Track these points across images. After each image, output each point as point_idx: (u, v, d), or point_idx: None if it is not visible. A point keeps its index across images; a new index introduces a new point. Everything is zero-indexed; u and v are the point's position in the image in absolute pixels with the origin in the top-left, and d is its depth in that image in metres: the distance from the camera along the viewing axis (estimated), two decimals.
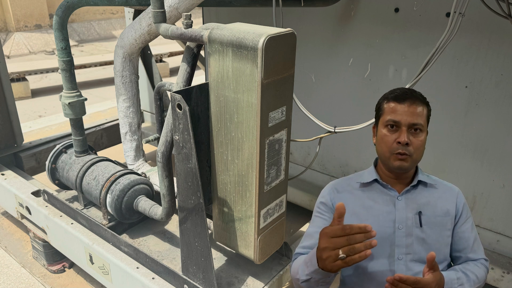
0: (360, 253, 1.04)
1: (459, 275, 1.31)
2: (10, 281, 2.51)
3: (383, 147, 1.35)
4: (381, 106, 1.39)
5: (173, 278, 1.83)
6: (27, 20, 9.85)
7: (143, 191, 2.21)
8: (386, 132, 1.34)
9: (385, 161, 1.36)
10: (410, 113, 1.31)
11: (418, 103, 1.33)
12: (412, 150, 1.31)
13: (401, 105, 1.32)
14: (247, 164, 1.58)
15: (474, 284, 1.32)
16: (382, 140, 1.35)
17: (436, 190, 1.41)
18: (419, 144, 1.32)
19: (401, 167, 1.33)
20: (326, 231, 1.12)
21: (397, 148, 1.31)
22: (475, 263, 1.38)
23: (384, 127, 1.35)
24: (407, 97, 1.33)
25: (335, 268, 1.09)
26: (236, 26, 1.50)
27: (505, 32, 2.03)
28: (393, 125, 1.33)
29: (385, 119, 1.35)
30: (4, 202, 2.83)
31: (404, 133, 1.30)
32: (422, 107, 1.33)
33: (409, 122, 1.30)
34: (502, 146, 2.20)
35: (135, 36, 2.17)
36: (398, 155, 1.31)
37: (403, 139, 1.29)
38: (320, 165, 3.02)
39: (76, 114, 2.30)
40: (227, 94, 1.53)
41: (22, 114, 5.40)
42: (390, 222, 1.36)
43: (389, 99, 1.36)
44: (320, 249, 1.12)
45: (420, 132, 1.32)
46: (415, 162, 1.35)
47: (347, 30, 2.58)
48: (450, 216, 1.38)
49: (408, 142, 1.30)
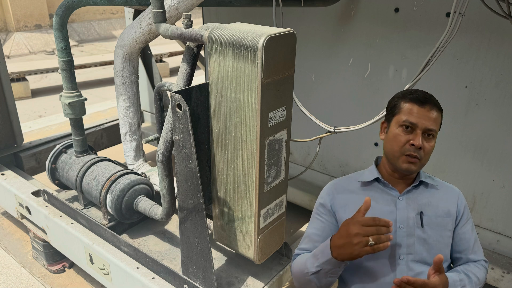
0: (384, 243, 1.16)
1: (461, 277, 1.32)
2: (10, 281, 2.51)
3: (394, 146, 1.34)
4: (398, 104, 1.37)
5: (173, 278, 1.83)
6: (27, 20, 9.85)
7: (143, 191, 2.21)
8: (400, 132, 1.33)
9: (393, 160, 1.35)
10: (428, 118, 1.30)
11: (436, 109, 1.33)
12: (423, 154, 1.31)
13: (420, 108, 1.31)
14: (247, 164, 1.58)
15: (475, 285, 1.33)
16: (394, 139, 1.34)
17: (437, 191, 1.41)
18: (429, 150, 1.32)
19: (409, 170, 1.33)
20: (358, 219, 1.20)
21: (409, 150, 1.31)
22: (475, 265, 1.39)
23: (399, 126, 1.34)
24: (427, 101, 1.32)
25: (363, 253, 1.18)
26: (236, 26, 1.50)
27: (505, 32, 2.03)
28: (408, 126, 1.31)
29: (401, 118, 1.33)
30: (4, 202, 2.83)
31: (419, 136, 1.30)
32: (438, 113, 1.33)
33: (425, 127, 1.30)
34: (502, 146, 2.20)
35: (135, 36, 2.17)
36: (408, 157, 1.31)
37: (418, 143, 1.29)
38: (320, 165, 3.02)
39: (76, 114, 2.30)
40: (227, 94, 1.53)
41: (22, 114, 5.40)
42: (391, 222, 1.36)
43: (408, 99, 1.35)
44: (352, 235, 1.19)
45: (432, 138, 1.33)
46: (422, 166, 1.35)
47: (347, 30, 2.58)
48: (451, 217, 1.38)
49: (422, 146, 1.30)
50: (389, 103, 1.43)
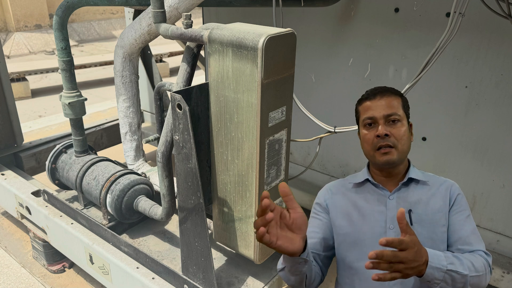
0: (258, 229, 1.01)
1: (446, 254, 1.19)
2: (10, 281, 2.51)
3: (365, 146, 1.36)
4: (357, 109, 1.42)
5: (173, 278, 1.83)
6: (27, 20, 9.85)
7: (143, 191, 2.21)
8: (366, 131, 1.35)
9: (372, 159, 1.36)
10: (383, 106, 1.32)
11: (389, 95, 1.35)
12: (394, 140, 1.30)
13: (372, 101, 1.35)
14: (247, 164, 1.58)
15: (470, 270, 1.18)
16: (363, 140, 1.37)
17: (429, 187, 1.38)
18: (400, 134, 1.31)
19: (388, 161, 1.31)
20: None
21: (378, 142, 1.31)
22: (471, 254, 1.27)
23: (363, 127, 1.37)
24: (376, 92, 1.36)
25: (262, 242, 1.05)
26: (236, 26, 1.50)
27: (505, 32, 2.03)
28: (370, 122, 1.34)
29: (362, 118, 1.37)
30: (4, 202, 2.83)
31: (382, 125, 1.31)
32: (393, 97, 1.34)
33: (383, 114, 1.31)
34: (502, 146, 2.20)
35: (135, 36, 2.17)
36: (381, 149, 1.31)
37: (381, 131, 1.30)
38: (320, 165, 3.02)
39: (76, 114, 2.30)
40: (227, 94, 1.53)
41: (22, 114, 5.40)
42: (382, 222, 1.35)
43: (362, 100, 1.40)
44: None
45: (398, 122, 1.32)
46: (402, 154, 1.33)
47: (347, 30, 2.58)
48: (443, 212, 1.34)
49: (388, 134, 1.30)
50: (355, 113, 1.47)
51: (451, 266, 1.16)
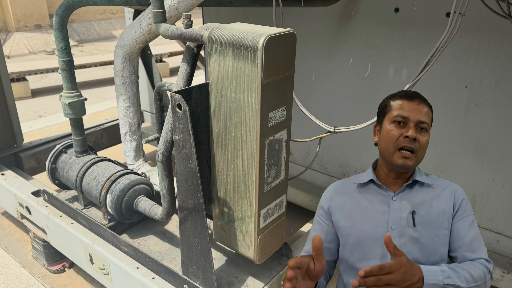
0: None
1: (442, 268, 1.21)
2: (10, 281, 2.51)
3: (388, 142, 1.35)
4: (388, 104, 1.40)
5: (173, 278, 1.83)
6: (27, 20, 9.85)
7: (143, 191, 2.21)
8: (393, 128, 1.34)
9: (388, 157, 1.35)
10: (419, 111, 1.33)
11: (426, 104, 1.36)
12: (418, 146, 1.31)
13: (410, 103, 1.34)
14: (247, 164, 1.58)
15: (468, 282, 1.20)
16: (387, 135, 1.35)
17: (433, 189, 1.39)
18: (424, 144, 1.33)
19: (404, 165, 1.32)
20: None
21: (403, 142, 1.31)
22: (471, 262, 1.29)
23: (391, 122, 1.35)
24: (416, 96, 1.36)
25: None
26: (236, 26, 1.50)
27: (505, 32, 2.03)
28: (400, 121, 1.33)
29: (393, 114, 1.35)
30: (4, 202, 2.83)
31: (412, 128, 1.31)
32: (428, 108, 1.36)
33: (417, 119, 1.32)
34: (502, 146, 2.20)
35: (135, 36, 2.17)
36: (403, 151, 1.31)
37: (412, 134, 1.30)
38: (320, 165, 3.02)
39: (76, 114, 2.30)
40: (227, 94, 1.53)
41: (22, 114, 5.40)
42: (384, 223, 1.35)
43: (397, 97, 1.39)
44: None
45: (425, 132, 1.34)
46: (418, 162, 1.35)
47: (347, 30, 2.58)
48: (447, 215, 1.34)
49: (416, 138, 1.30)
50: (379, 106, 1.46)
51: (448, 280, 1.18)
